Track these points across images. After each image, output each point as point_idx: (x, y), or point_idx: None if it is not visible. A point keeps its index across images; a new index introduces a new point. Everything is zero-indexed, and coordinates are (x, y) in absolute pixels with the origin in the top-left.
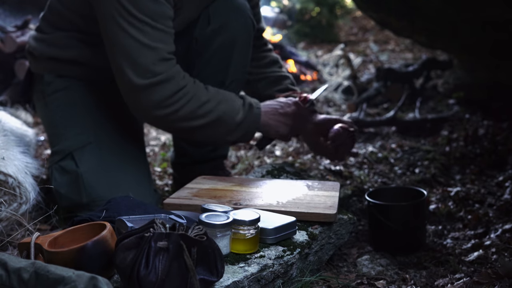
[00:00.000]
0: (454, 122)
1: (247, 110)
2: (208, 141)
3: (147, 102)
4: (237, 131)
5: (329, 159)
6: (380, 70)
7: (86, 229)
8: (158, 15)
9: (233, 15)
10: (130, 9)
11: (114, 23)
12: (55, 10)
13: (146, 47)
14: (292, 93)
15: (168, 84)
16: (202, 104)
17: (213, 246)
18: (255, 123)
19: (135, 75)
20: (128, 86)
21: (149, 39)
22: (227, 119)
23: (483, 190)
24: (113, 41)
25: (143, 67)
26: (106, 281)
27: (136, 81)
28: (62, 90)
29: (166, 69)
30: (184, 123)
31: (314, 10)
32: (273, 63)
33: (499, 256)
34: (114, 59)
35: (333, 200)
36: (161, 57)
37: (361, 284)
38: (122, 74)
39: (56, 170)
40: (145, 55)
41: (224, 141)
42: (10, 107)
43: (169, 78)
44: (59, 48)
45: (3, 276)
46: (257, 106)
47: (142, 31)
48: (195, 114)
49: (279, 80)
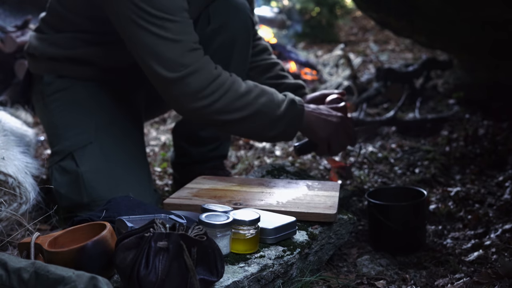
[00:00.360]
0: (454, 122)
1: (290, 105)
2: (247, 135)
3: (183, 94)
4: (278, 126)
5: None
6: (380, 70)
7: (86, 229)
8: (173, 8)
9: (233, 15)
10: (145, 8)
11: (133, 24)
12: (55, 12)
13: (171, 41)
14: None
15: (200, 74)
16: (241, 96)
17: (213, 246)
18: (298, 118)
19: (166, 71)
20: (161, 82)
21: (172, 34)
22: (267, 112)
23: (483, 190)
24: (136, 42)
25: (173, 61)
26: (106, 281)
27: (168, 76)
28: (62, 90)
29: (195, 59)
30: (221, 116)
31: (314, 10)
32: (263, 51)
33: (499, 256)
34: (141, 59)
35: (333, 200)
36: (188, 48)
37: (361, 284)
38: (153, 72)
39: (56, 170)
40: (172, 49)
41: (263, 137)
42: (10, 107)
43: (201, 68)
44: (60, 47)
45: (3, 276)
46: (300, 103)
47: (162, 27)
48: (233, 106)
49: (270, 67)
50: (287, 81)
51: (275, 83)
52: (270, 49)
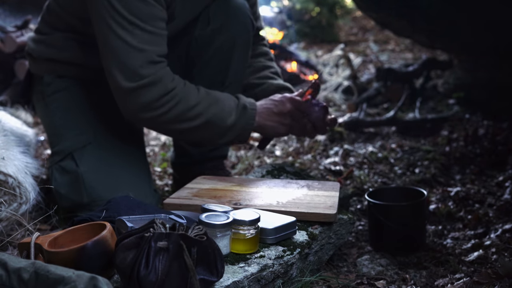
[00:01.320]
0: (454, 122)
1: (240, 112)
2: (201, 142)
3: (134, 104)
4: (229, 133)
5: (310, 136)
6: (380, 70)
7: (86, 229)
8: (148, 16)
9: (233, 15)
10: (120, 10)
11: (104, 24)
12: (53, 11)
13: (134, 49)
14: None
15: (154, 87)
16: (192, 107)
17: (213, 246)
18: (249, 125)
19: (123, 78)
20: (116, 88)
21: (137, 41)
22: (217, 122)
23: (483, 190)
24: (103, 42)
25: (131, 70)
26: (106, 281)
27: (124, 84)
28: (61, 90)
29: (153, 72)
30: (173, 125)
31: (314, 10)
32: (261, 55)
33: (499, 256)
34: (105, 60)
35: (333, 200)
36: (149, 59)
37: (361, 284)
38: (111, 76)
39: (56, 170)
40: (133, 57)
41: (217, 143)
42: (10, 107)
43: (156, 81)
44: (57, 49)
45: (3, 276)
46: (252, 107)
47: (131, 32)
48: (184, 117)
49: (261, 69)
50: (271, 81)
51: (258, 82)
52: (271, 55)
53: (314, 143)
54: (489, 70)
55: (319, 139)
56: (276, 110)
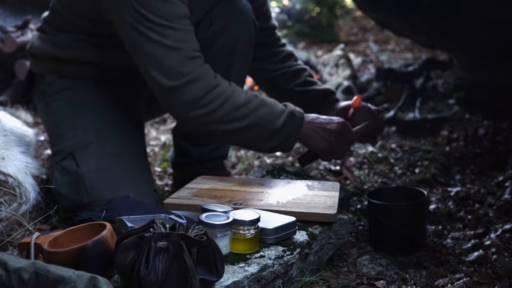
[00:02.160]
0: (454, 122)
1: (288, 117)
2: (245, 146)
3: (181, 102)
4: (275, 138)
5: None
6: (380, 70)
7: (86, 229)
8: (175, 16)
9: (234, 17)
10: (147, 15)
11: (134, 30)
12: (57, 13)
13: (171, 49)
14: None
15: (198, 83)
16: (239, 107)
17: (213, 246)
18: (296, 131)
19: (165, 78)
20: (159, 89)
21: (172, 41)
22: (265, 124)
23: (483, 190)
24: (136, 48)
25: (171, 69)
26: (106, 281)
27: (166, 83)
28: (63, 90)
29: (194, 68)
30: (219, 126)
31: (314, 10)
32: (289, 57)
33: (499, 256)
34: (141, 65)
35: (333, 200)
36: (188, 56)
37: (361, 284)
38: (152, 79)
39: (57, 170)
40: (171, 57)
41: (260, 148)
42: (10, 107)
43: (199, 77)
44: (62, 48)
45: (3, 276)
46: (300, 115)
47: (163, 34)
48: (231, 117)
49: (297, 73)
50: (316, 87)
51: (303, 90)
52: (296, 55)
53: None
54: (489, 70)
55: None
56: (327, 126)
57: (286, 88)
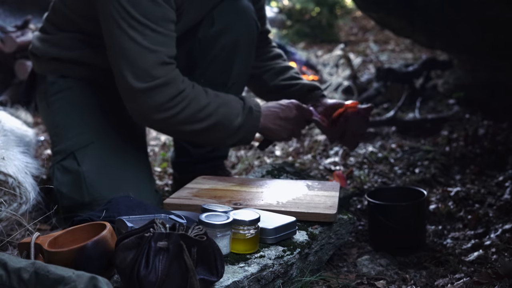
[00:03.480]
0: (454, 122)
1: (247, 114)
2: (208, 143)
3: (146, 105)
4: (236, 135)
5: (340, 142)
6: (380, 70)
7: (86, 229)
8: (159, 18)
9: (237, 17)
10: (131, 11)
11: (115, 25)
12: (59, 12)
13: (146, 50)
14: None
15: (167, 88)
16: (202, 108)
17: (213, 246)
18: (254, 127)
19: (134, 79)
20: (127, 89)
21: (149, 42)
22: (226, 123)
23: (483, 190)
24: (113, 43)
25: (143, 71)
26: (106, 281)
27: (135, 85)
28: (64, 90)
29: (165, 73)
30: (183, 127)
31: (314, 10)
32: (277, 56)
33: (499, 256)
34: (114, 61)
35: (333, 200)
36: (161, 60)
37: (361, 284)
38: (122, 76)
39: (58, 169)
40: (145, 58)
41: (223, 144)
42: (10, 107)
43: (168, 82)
44: (62, 48)
45: (3, 276)
46: (257, 109)
47: (142, 34)
48: (195, 118)
49: (283, 70)
50: (301, 81)
51: (288, 84)
52: (284, 57)
53: (314, 143)
54: (489, 70)
55: (320, 139)
56: (282, 114)
57: (272, 83)
